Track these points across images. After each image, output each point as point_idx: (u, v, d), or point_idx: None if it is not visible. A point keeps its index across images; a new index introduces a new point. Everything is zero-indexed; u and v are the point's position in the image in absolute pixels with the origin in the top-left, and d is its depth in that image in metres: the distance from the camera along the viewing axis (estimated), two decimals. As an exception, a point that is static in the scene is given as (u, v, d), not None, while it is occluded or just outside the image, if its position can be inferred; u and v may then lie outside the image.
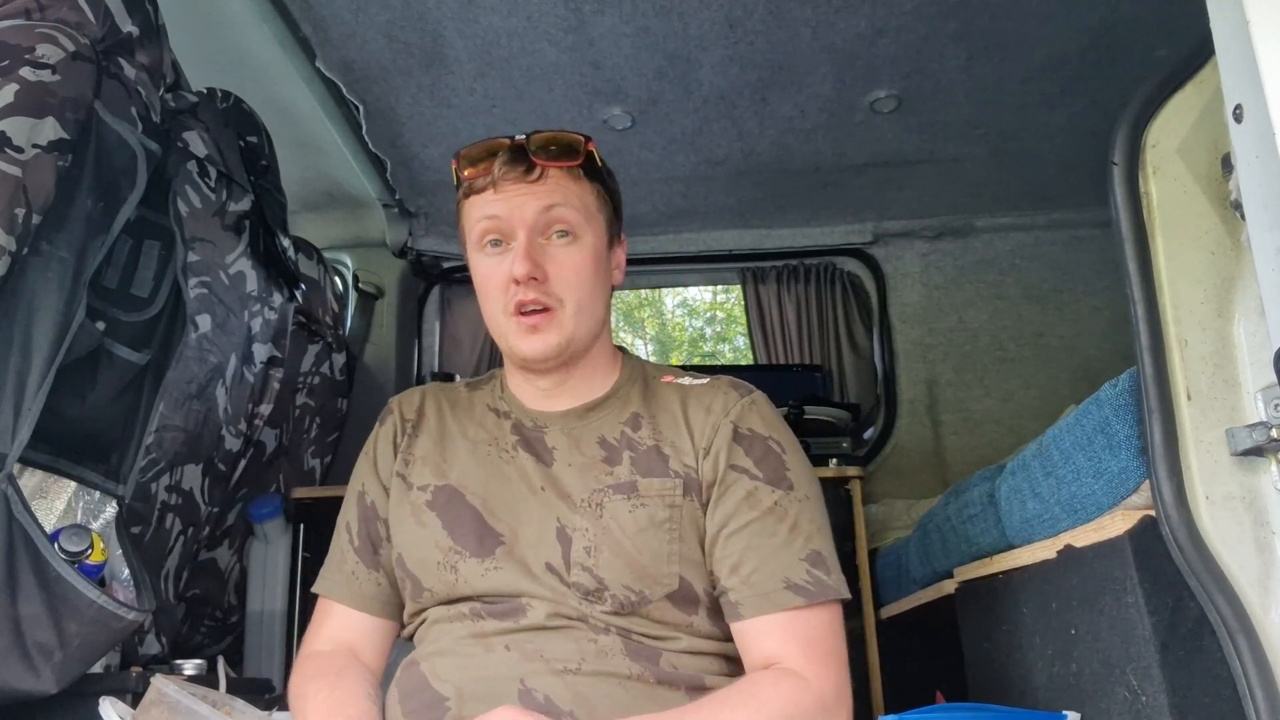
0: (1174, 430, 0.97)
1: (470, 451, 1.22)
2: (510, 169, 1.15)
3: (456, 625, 1.12)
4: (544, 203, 1.15)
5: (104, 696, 1.12)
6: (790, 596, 1.06)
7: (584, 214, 1.18)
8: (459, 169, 1.20)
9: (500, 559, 1.12)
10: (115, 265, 1.56)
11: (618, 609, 1.08)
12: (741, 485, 1.13)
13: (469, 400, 1.29)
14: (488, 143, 1.19)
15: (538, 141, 1.17)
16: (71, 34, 1.31)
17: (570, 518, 1.12)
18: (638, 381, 1.26)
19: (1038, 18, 2.11)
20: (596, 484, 1.14)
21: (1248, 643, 0.89)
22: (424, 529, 1.17)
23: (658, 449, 1.17)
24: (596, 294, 1.19)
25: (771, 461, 1.15)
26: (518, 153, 1.16)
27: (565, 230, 1.16)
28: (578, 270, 1.16)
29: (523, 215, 1.14)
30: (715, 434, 1.16)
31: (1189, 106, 1.05)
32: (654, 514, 1.11)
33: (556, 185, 1.16)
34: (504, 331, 1.17)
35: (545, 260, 1.15)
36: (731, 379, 1.25)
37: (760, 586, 1.08)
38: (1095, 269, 3.11)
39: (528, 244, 1.14)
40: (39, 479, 1.60)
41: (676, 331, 12.83)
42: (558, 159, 1.17)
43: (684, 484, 1.13)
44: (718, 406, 1.18)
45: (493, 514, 1.15)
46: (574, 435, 1.19)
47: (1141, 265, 1.02)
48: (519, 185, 1.15)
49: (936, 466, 3.01)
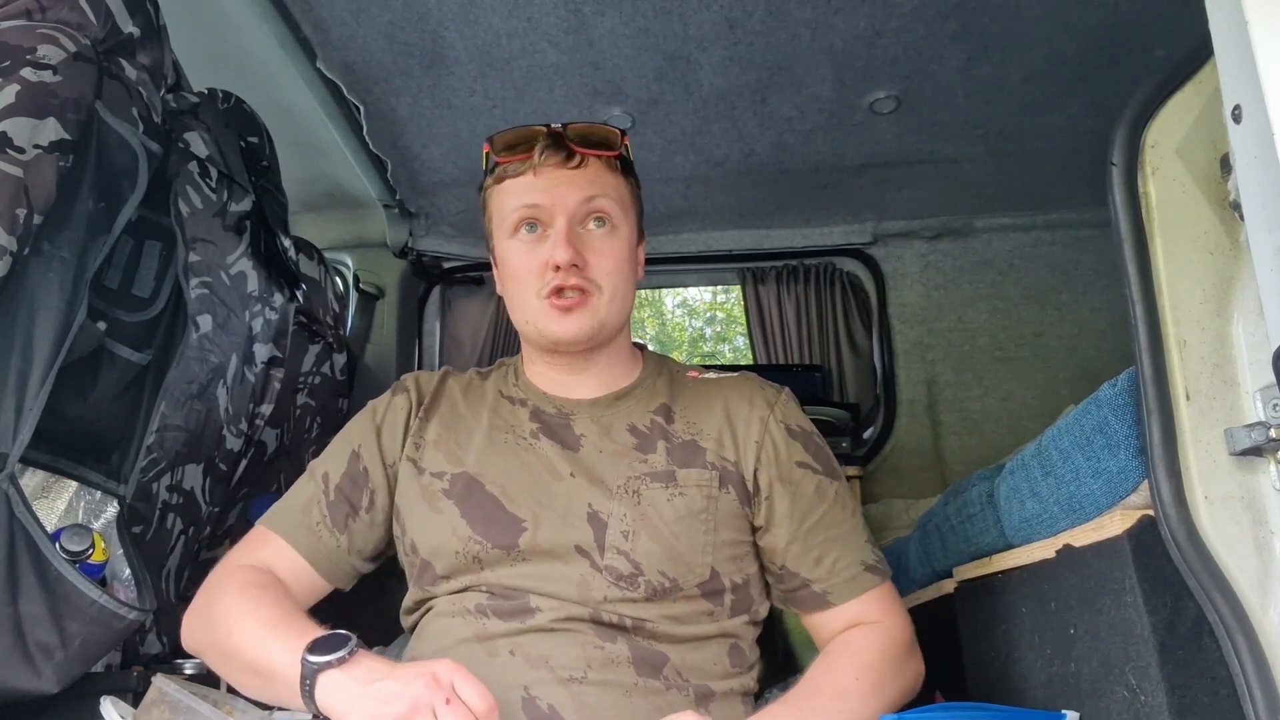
0: (1173, 430, 0.97)
1: (486, 438, 1.21)
2: (552, 155, 1.17)
3: (459, 623, 1.11)
4: (585, 192, 1.16)
5: (105, 696, 1.12)
6: (871, 578, 1.17)
7: (621, 204, 1.20)
8: (492, 154, 1.20)
9: (524, 548, 1.11)
10: (116, 265, 1.56)
11: (650, 595, 1.09)
12: (809, 481, 1.18)
13: (481, 387, 1.29)
14: (524, 129, 1.20)
15: (577, 131, 1.19)
16: (73, 35, 1.31)
17: (605, 503, 1.12)
18: (663, 374, 1.28)
19: (1037, 18, 2.11)
20: (631, 471, 1.15)
21: (1247, 642, 0.89)
22: (440, 515, 1.15)
23: (695, 442, 1.19)
24: (629, 284, 1.21)
25: (823, 455, 1.21)
26: (557, 139, 1.18)
27: (603, 219, 1.18)
28: (616, 258, 1.18)
29: (564, 202, 1.16)
30: (765, 430, 1.19)
31: (1188, 107, 1.05)
32: (692, 504, 1.13)
33: (596, 175, 1.19)
34: (534, 314, 1.18)
35: (584, 247, 1.16)
36: (755, 375, 1.30)
37: (845, 574, 1.15)
38: (1094, 269, 3.11)
39: (569, 230, 1.15)
40: (40, 479, 1.60)
41: (676, 332, 12.82)
42: (596, 148, 1.19)
43: (720, 476, 1.16)
44: (759, 401, 1.22)
45: (513, 501, 1.15)
46: (603, 422, 1.20)
47: (1140, 265, 1.03)
48: (560, 171, 1.17)
49: (936, 466, 3.02)
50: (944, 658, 1.74)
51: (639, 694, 1.04)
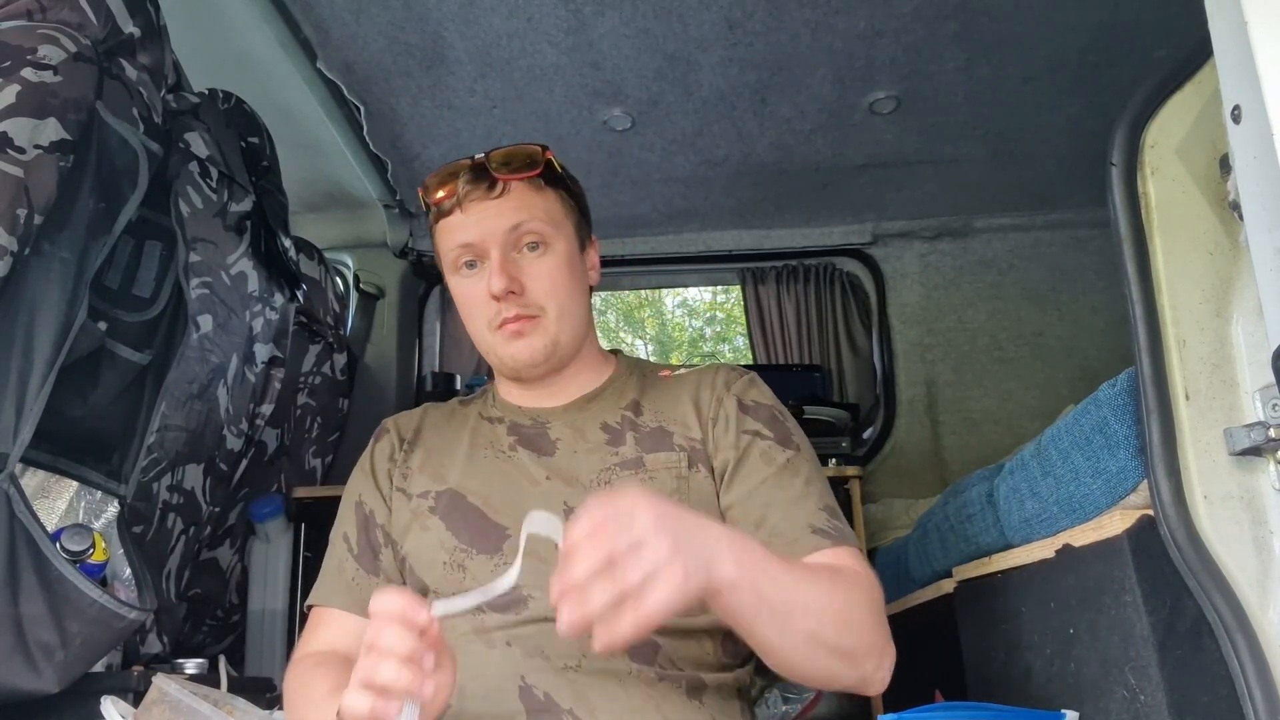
0: (1172, 430, 0.98)
1: (468, 456, 1.24)
2: (474, 187, 1.18)
3: (458, 621, 1.12)
4: (511, 220, 1.17)
5: (105, 695, 1.12)
6: (817, 539, 1.09)
7: (551, 223, 1.20)
8: (426, 196, 1.23)
9: (508, 553, 1.13)
10: (117, 266, 1.56)
11: None
12: (755, 446, 1.16)
13: (463, 414, 1.32)
14: (450, 165, 1.22)
15: (497, 158, 1.19)
16: (73, 35, 1.31)
17: (579, 498, 1.13)
18: (635, 374, 1.29)
19: (1037, 19, 2.12)
20: (603, 464, 1.17)
21: (1246, 642, 0.89)
22: (428, 533, 1.18)
23: (661, 428, 1.20)
24: (576, 297, 1.22)
25: (778, 426, 1.19)
26: (479, 171, 1.19)
27: (536, 242, 1.19)
28: (553, 278, 1.19)
29: (493, 234, 1.17)
30: (719, 405, 1.20)
31: (1187, 107, 1.05)
32: (663, 486, 1.14)
33: (520, 198, 1.19)
34: (490, 345, 1.21)
35: (520, 273, 1.17)
36: (728, 364, 1.29)
37: (787, 534, 1.10)
38: (1094, 269, 3.11)
39: (501, 259, 1.16)
40: (41, 479, 1.60)
41: (676, 332, 12.82)
42: (518, 171, 1.20)
43: (689, 456, 1.17)
44: (720, 382, 1.23)
45: (495, 510, 1.16)
46: (577, 425, 1.22)
47: (1140, 265, 1.03)
48: (484, 203, 1.18)
49: (935, 466, 3.02)
50: (944, 658, 1.75)
51: (633, 682, 1.06)
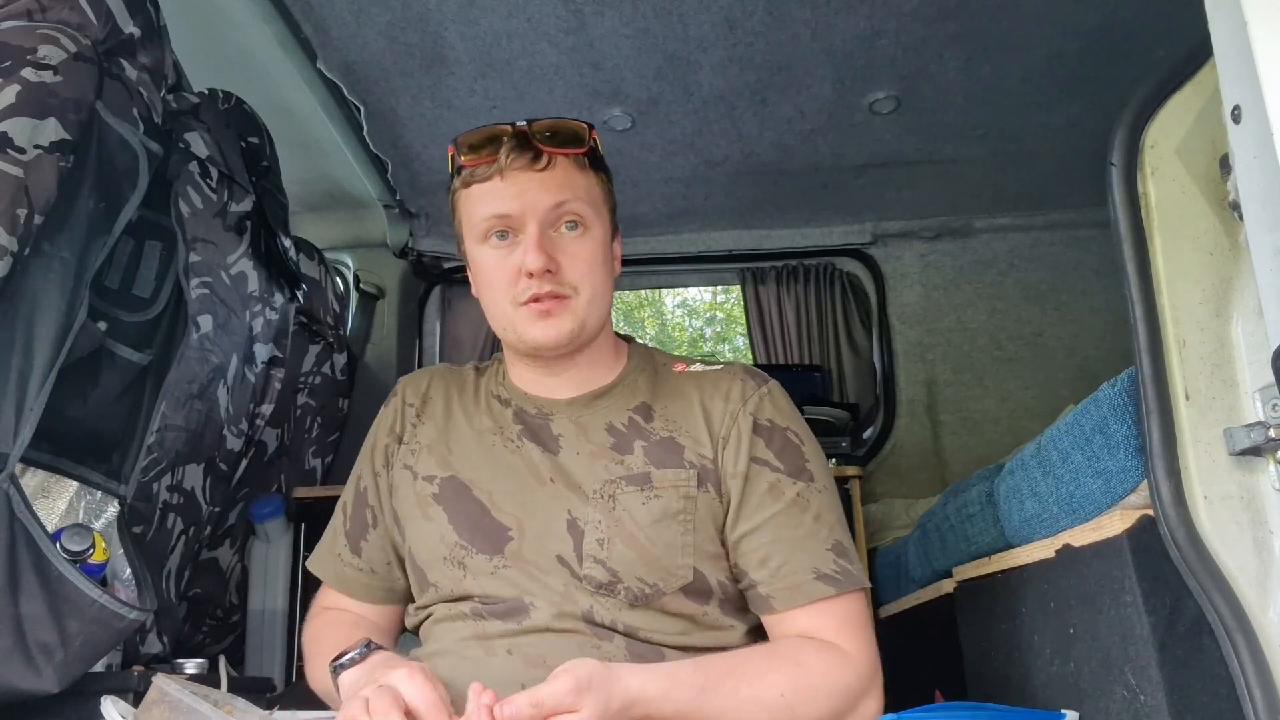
0: (1172, 430, 0.97)
1: (476, 442, 1.20)
2: (517, 156, 1.12)
3: (459, 624, 1.12)
4: (556, 196, 1.12)
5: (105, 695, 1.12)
6: (821, 587, 1.07)
7: (592, 205, 1.15)
8: (457, 156, 1.16)
9: (509, 556, 1.11)
10: (117, 266, 1.56)
11: (631, 601, 1.08)
12: (764, 478, 1.12)
13: (475, 385, 1.28)
14: (489, 129, 1.15)
15: (542, 128, 1.13)
16: (73, 35, 1.31)
17: (582, 509, 1.11)
18: (646, 370, 1.24)
19: (1037, 19, 2.12)
20: (608, 474, 1.12)
21: (1246, 642, 0.89)
22: (431, 523, 1.16)
23: (672, 439, 1.15)
24: (606, 284, 1.18)
25: (791, 453, 1.14)
26: (523, 140, 1.13)
27: (575, 222, 1.14)
28: (590, 261, 1.14)
29: (534, 208, 1.11)
30: (734, 423, 1.15)
31: (1187, 107, 1.05)
32: (668, 505, 1.10)
33: (565, 175, 1.13)
34: (511, 321, 1.15)
35: (557, 251, 1.12)
36: (746, 366, 1.24)
37: (790, 579, 1.08)
38: (1094, 269, 3.11)
39: (540, 236, 1.11)
40: (41, 479, 1.60)
41: (676, 332, 12.81)
42: (563, 146, 1.14)
43: (699, 475, 1.12)
44: (735, 394, 1.17)
45: (499, 508, 1.14)
46: (581, 423, 1.18)
47: (1140, 265, 1.03)
48: (527, 174, 1.12)
49: (935, 466, 3.02)
50: (944, 658, 1.75)
51: None
